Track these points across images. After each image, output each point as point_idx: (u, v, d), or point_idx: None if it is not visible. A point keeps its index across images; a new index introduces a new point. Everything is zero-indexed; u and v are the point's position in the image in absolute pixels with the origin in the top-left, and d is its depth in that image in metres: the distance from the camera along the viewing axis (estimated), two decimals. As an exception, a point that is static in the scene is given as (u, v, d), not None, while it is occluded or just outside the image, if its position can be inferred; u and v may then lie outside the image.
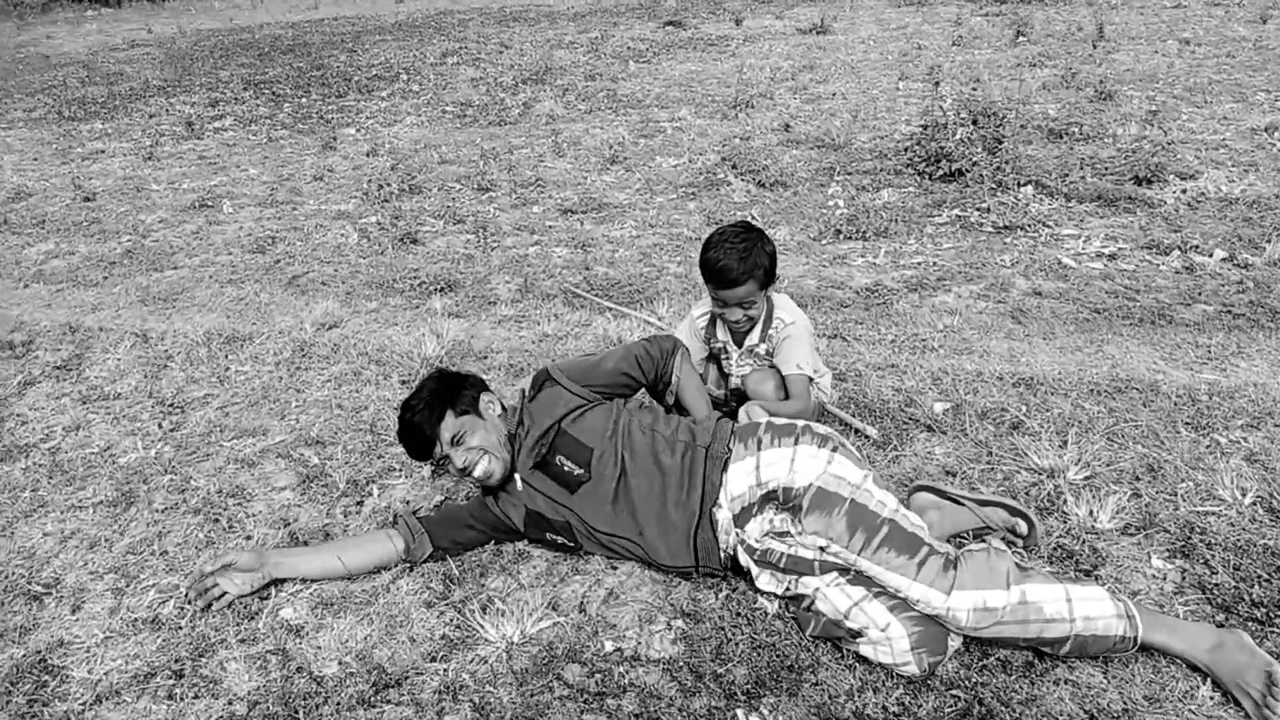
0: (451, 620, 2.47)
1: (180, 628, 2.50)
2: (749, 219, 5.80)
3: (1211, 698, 2.05)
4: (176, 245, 6.09)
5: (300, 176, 7.89)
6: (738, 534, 2.42)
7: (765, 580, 2.38)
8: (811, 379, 2.99)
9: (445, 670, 2.31)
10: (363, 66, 13.67)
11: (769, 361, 3.05)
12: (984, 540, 2.33)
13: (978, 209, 5.64)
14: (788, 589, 2.35)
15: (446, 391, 2.63)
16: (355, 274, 5.28)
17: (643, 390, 2.82)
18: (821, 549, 2.26)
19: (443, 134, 9.18)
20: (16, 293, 5.29)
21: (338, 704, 2.21)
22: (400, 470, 3.18)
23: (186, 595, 2.56)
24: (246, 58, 15.49)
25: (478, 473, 2.58)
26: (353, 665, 2.33)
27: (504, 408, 2.76)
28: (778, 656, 2.26)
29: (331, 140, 9.05)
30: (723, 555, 2.45)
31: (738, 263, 2.80)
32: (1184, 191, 5.81)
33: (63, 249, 6.12)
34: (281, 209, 6.89)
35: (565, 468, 2.56)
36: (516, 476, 2.64)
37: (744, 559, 2.42)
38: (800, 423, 2.47)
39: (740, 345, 3.08)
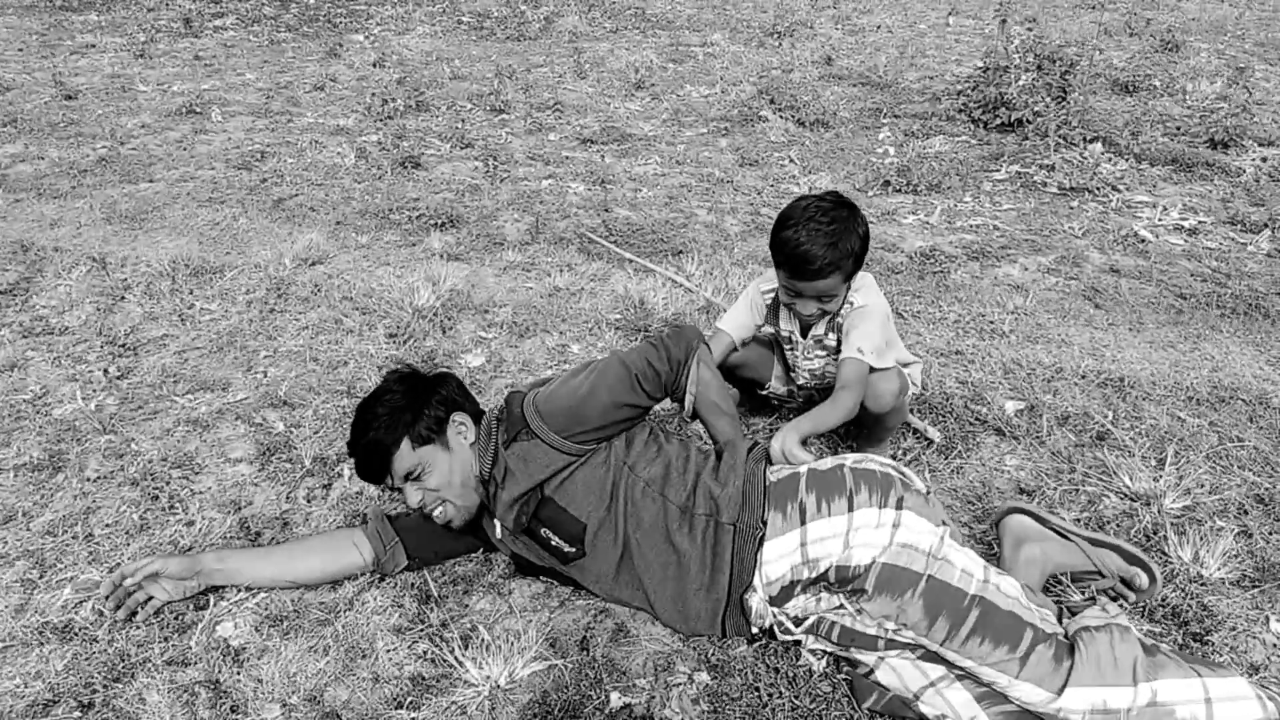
0: (425, 653, 2.02)
1: (96, 640, 2.06)
2: (788, 162, 5.23)
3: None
4: (156, 155, 5.54)
5: (300, 85, 7.30)
6: (775, 614, 1.94)
7: (813, 641, 1.93)
8: (874, 368, 2.33)
9: (413, 721, 1.87)
10: (376, -32, 12.86)
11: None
12: (1096, 600, 1.84)
13: (1041, 165, 5.08)
14: (843, 647, 1.90)
15: (409, 408, 2.05)
16: (348, 200, 4.75)
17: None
18: (888, 629, 1.79)
19: (456, 46, 8.54)
20: (-30, 201, 4.78)
21: (275, 763, 1.77)
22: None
23: (105, 601, 2.11)
24: (254, -48, 14.64)
25: (434, 516, 2.08)
26: (299, 709, 1.89)
27: (477, 431, 2.13)
28: (824, 733, 1.82)
29: (337, 47, 8.43)
30: (754, 631, 1.98)
31: (825, 250, 2.19)
32: (1264, 160, 5.25)
33: (31, 152, 5.57)
34: (275, 120, 6.32)
35: (554, 542, 2.03)
36: (496, 523, 2.11)
37: (783, 637, 1.96)
38: (848, 465, 1.92)
39: (806, 336, 2.52)
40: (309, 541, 2.20)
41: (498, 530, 2.09)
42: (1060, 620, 1.81)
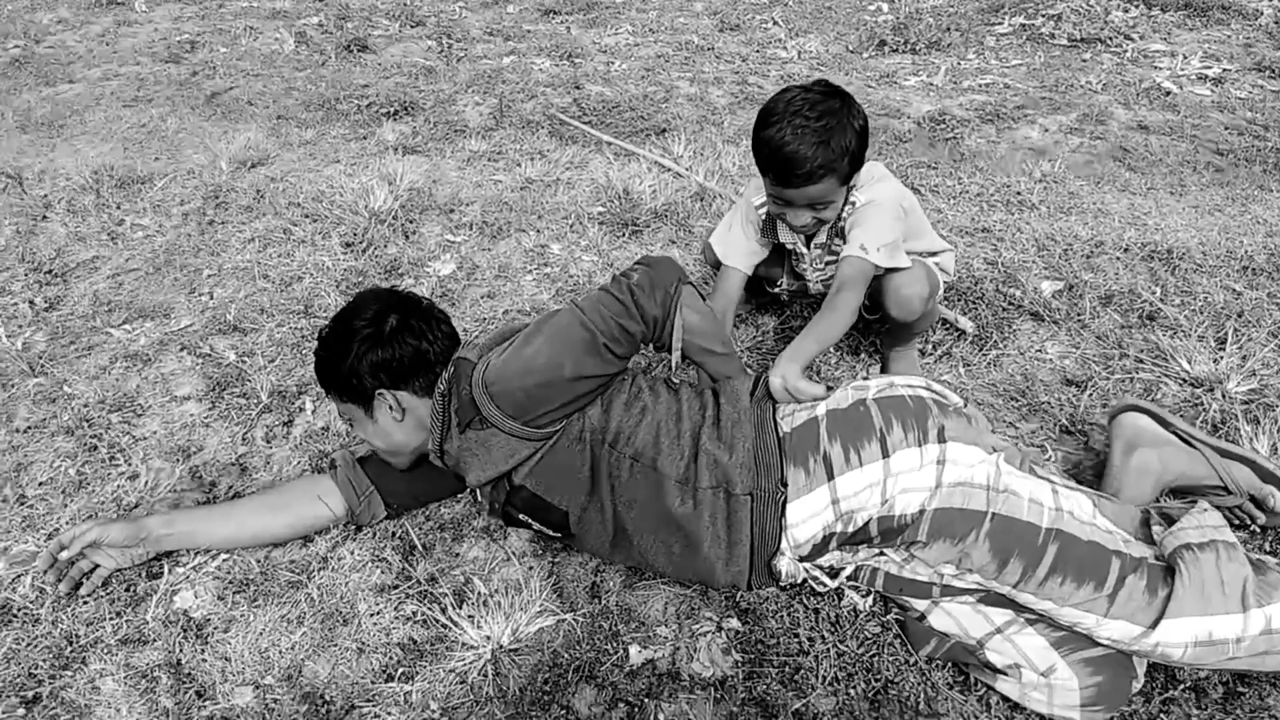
0: (414, 614, 1.77)
1: (39, 620, 1.79)
2: (772, 24, 4.79)
3: None
4: (75, 53, 5.02)
5: (229, -35, 6.66)
6: (807, 568, 1.67)
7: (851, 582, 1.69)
8: (879, 268, 2.01)
9: (407, 695, 1.62)
10: None
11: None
12: (1203, 508, 1.55)
13: (1046, 16, 4.67)
14: (890, 594, 1.65)
15: (343, 360, 1.72)
16: (289, 91, 4.29)
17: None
18: (945, 574, 1.54)
19: (398, -85, 7.82)
20: None
21: (252, 759, 1.53)
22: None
23: (45, 575, 1.83)
24: None
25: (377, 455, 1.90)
26: (275, 690, 1.64)
27: (430, 403, 1.75)
28: (877, 683, 1.59)
29: (267, -79, 7.69)
30: (787, 584, 1.72)
31: (814, 150, 1.84)
32: (1283, -3, 4.86)
33: (-67, 55, 5.04)
34: (205, 6, 5.77)
35: (535, 527, 1.75)
36: (475, 492, 1.82)
37: (820, 587, 1.70)
38: (870, 395, 1.63)
39: (810, 246, 2.20)
40: (270, 495, 1.91)
41: (477, 494, 1.80)
42: (1149, 524, 1.56)
